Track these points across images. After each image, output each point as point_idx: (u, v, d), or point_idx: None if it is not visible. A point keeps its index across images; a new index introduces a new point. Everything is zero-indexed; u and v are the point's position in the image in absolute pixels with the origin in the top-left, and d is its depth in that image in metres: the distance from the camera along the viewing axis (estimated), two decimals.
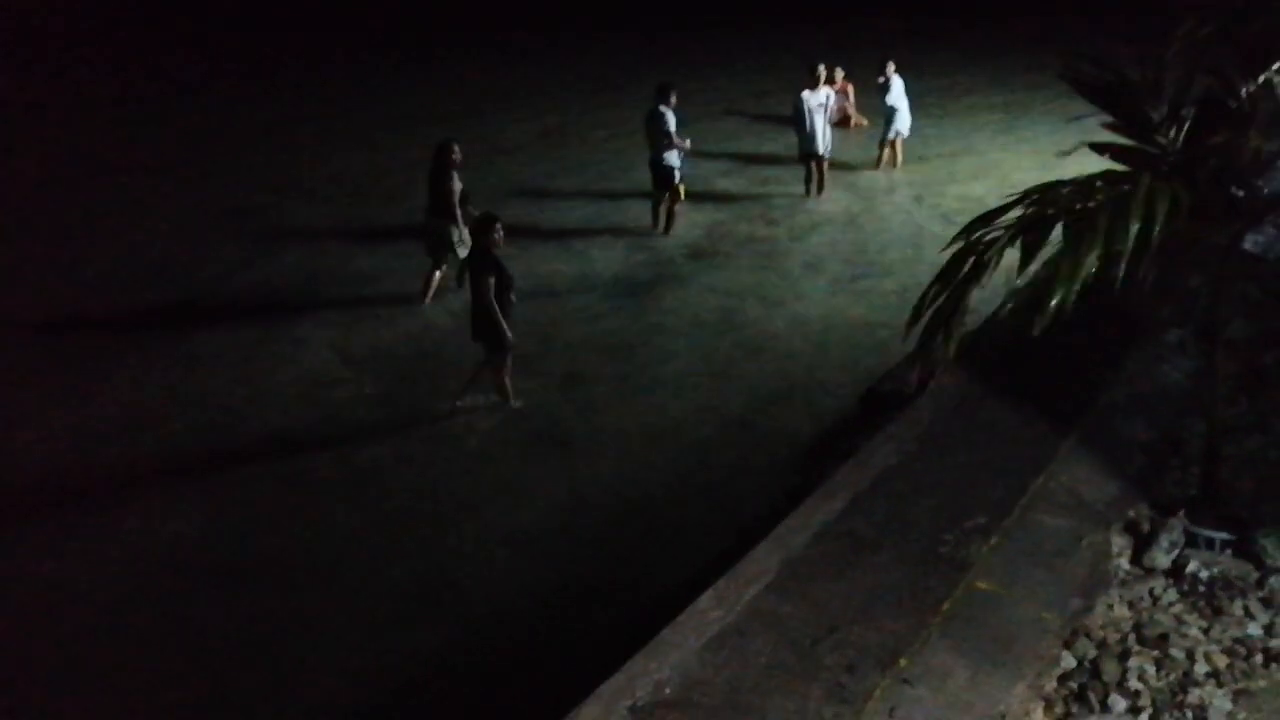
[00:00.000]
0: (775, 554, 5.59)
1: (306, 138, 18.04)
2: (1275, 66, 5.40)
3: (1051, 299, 4.54)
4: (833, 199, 13.85)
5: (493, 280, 8.36)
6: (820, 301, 10.81)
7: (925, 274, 10.61)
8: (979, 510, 5.89)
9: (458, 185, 10.78)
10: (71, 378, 9.53)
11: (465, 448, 8.31)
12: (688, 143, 12.49)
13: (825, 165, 13.85)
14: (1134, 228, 4.57)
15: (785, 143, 15.11)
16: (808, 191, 13.93)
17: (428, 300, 10.87)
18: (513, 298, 8.56)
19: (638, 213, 13.19)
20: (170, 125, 19.08)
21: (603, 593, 6.55)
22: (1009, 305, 5.17)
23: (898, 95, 14.67)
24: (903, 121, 14.87)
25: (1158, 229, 4.62)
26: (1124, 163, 5.51)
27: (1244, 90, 5.40)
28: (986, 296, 5.64)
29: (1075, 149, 5.69)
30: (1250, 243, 8.85)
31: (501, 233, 8.62)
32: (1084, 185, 5.11)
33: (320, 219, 13.78)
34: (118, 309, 11.12)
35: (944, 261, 5.15)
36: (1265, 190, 5.75)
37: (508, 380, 8.74)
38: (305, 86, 22.35)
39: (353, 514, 7.46)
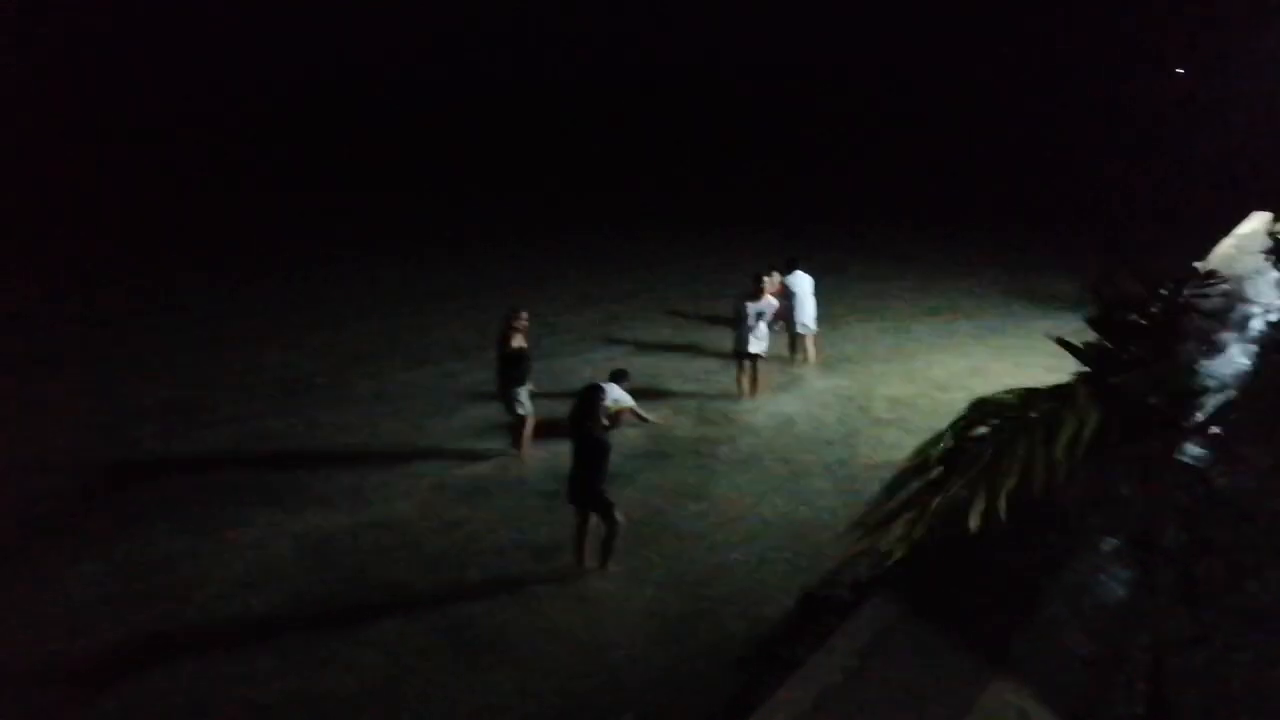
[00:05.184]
0: None
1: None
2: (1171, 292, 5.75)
3: (999, 491, 4.52)
4: (768, 399, 13.96)
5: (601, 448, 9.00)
6: (756, 501, 10.71)
7: (859, 475, 10.83)
8: None
9: (517, 345, 11.50)
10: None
11: (397, 657, 7.98)
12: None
13: (759, 365, 13.96)
14: (1065, 435, 4.65)
15: (722, 343, 15.27)
16: (742, 391, 14.02)
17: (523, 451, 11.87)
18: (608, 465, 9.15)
19: None
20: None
21: None
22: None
23: (801, 293, 14.98)
24: (804, 317, 15.15)
25: (1086, 438, 4.72)
26: (1084, 361, 5.67)
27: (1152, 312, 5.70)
28: None
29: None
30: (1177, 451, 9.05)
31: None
32: (1022, 397, 5.21)
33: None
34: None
35: (878, 462, 5.21)
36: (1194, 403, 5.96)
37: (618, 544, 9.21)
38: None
39: None
